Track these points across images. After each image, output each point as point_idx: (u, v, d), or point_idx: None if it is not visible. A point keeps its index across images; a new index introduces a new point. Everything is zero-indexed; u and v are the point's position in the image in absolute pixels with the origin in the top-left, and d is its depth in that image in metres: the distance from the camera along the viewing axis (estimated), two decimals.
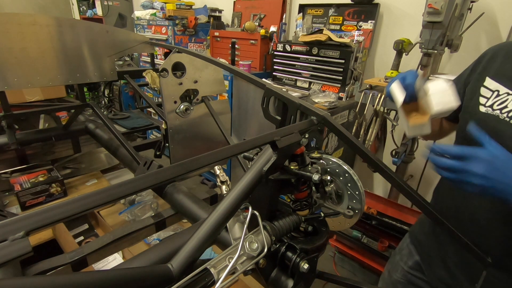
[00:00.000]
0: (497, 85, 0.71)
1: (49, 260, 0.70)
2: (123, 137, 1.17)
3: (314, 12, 2.55)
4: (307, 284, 0.58)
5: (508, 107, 0.67)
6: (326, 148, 2.18)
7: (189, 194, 0.95)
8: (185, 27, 3.13)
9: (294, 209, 0.64)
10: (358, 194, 0.61)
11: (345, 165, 0.62)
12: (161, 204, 1.60)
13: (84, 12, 4.47)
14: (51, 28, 1.09)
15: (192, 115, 1.24)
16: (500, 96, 0.69)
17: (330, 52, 2.20)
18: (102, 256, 0.82)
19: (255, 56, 2.73)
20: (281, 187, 0.60)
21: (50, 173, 1.54)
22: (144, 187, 0.41)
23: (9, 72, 1.05)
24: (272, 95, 0.79)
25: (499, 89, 0.70)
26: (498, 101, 0.69)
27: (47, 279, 0.32)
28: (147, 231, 0.91)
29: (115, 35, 1.29)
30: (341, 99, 2.22)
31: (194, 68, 1.18)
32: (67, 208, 0.35)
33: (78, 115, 1.47)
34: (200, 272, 0.43)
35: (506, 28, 1.76)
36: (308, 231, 0.62)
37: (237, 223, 0.56)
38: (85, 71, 1.24)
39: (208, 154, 0.48)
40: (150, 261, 0.60)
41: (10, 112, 1.24)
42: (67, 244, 1.22)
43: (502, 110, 0.68)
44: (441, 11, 1.47)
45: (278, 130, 0.57)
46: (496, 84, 0.72)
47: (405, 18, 2.16)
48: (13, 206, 1.43)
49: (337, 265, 2.25)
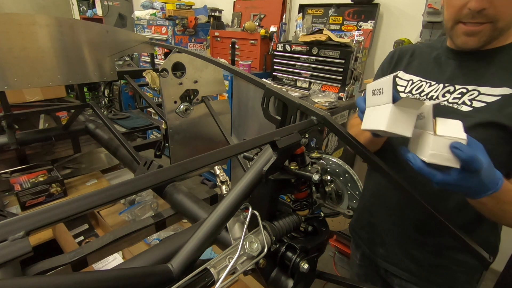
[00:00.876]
0: (410, 76, 0.85)
1: (49, 260, 0.70)
2: (123, 137, 1.17)
3: (314, 12, 2.55)
4: (307, 284, 0.58)
5: (425, 90, 0.80)
6: (326, 148, 2.18)
7: (189, 194, 0.95)
8: (185, 27, 3.13)
9: (294, 209, 0.64)
10: (358, 194, 0.61)
11: (345, 165, 0.62)
12: (161, 204, 1.59)
13: (84, 12, 4.47)
14: (51, 28, 1.09)
15: (192, 115, 1.24)
16: (415, 84, 0.83)
17: (330, 52, 2.20)
18: (102, 256, 0.82)
19: (255, 56, 2.73)
20: (281, 187, 0.60)
21: (50, 173, 1.54)
22: (144, 187, 0.41)
23: (9, 72, 1.05)
24: (272, 95, 0.79)
25: (413, 78, 0.84)
26: (415, 87, 0.83)
27: (47, 279, 0.32)
28: (147, 231, 0.91)
29: (115, 35, 1.29)
30: (341, 99, 2.22)
31: (194, 68, 1.18)
32: (67, 208, 0.35)
33: (78, 115, 1.47)
34: (200, 272, 0.43)
35: None
36: (308, 231, 0.62)
37: (237, 223, 0.56)
38: (85, 71, 1.24)
39: (208, 154, 0.48)
40: (150, 261, 0.60)
41: (10, 112, 1.24)
42: (67, 244, 1.22)
43: (420, 94, 0.80)
44: (441, 11, 1.47)
45: (278, 130, 0.57)
46: (409, 75, 0.86)
47: (405, 18, 2.16)
48: (13, 206, 1.43)
49: (337, 265, 2.25)
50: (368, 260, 1.04)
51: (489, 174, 0.53)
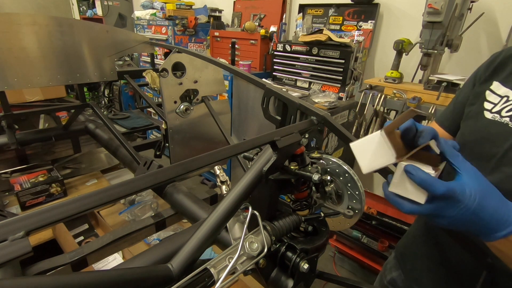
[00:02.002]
0: (507, 90, 0.65)
1: (49, 260, 0.70)
2: (123, 137, 1.17)
3: (314, 12, 2.55)
4: (307, 284, 0.58)
5: None
6: (326, 148, 2.18)
7: (189, 194, 0.95)
8: (185, 27, 3.13)
9: (294, 209, 0.64)
10: (358, 194, 0.61)
11: (345, 165, 0.61)
12: (161, 204, 1.60)
13: (84, 12, 4.47)
14: (51, 28, 1.09)
15: (192, 115, 1.24)
16: (510, 102, 0.63)
17: (330, 52, 2.20)
18: (102, 256, 0.82)
19: (255, 56, 2.73)
20: (281, 187, 0.60)
21: (50, 173, 1.54)
22: (144, 187, 0.41)
23: (9, 72, 1.05)
24: (272, 95, 0.79)
25: (509, 94, 0.64)
26: (507, 107, 0.63)
27: (47, 279, 0.32)
28: (147, 231, 0.91)
29: (115, 35, 1.29)
30: (341, 99, 2.22)
31: (194, 68, 1.18)
32: (67, 208, 0.35)
33: (78, 115, 1.47)
34: (200, 272, 0.43)
35: (506, 28, 1.76)
36: (308, 231, 0.62)
37: (237, 223, 0.56)
38: (85, 71, 1.24)
39: (208, 154, 0.48)
40: (150, 261, 0.60)
41: (10, 112, 1.24)
42: (67, 244, 1.22)
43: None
44: (441, 11, 1.47)
45: (278, 130, 0.57)
46: (506, 89, 0.65)
47: (405, 18, 2.16)
48: (13, 206, 1.43)
49: (337, 265, 2.25)
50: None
51: (491, 208, 0.45)
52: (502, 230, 0.45)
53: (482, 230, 0.46)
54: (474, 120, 0.69)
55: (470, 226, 0.46)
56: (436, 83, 1.64)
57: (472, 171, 0.46)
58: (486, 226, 0.45)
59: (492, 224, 0.45)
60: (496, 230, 0.45)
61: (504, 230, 0.45)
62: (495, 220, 0.45)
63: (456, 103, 0.79)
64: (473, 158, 0.63)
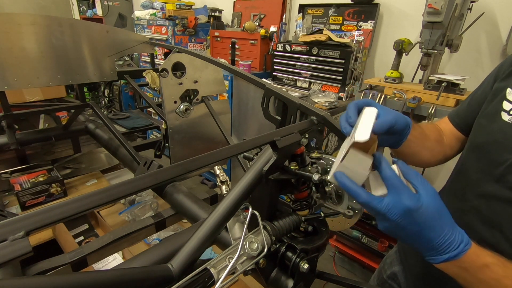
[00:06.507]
0: None
1: (49, 260, 0.70)
2: (123, 137, 1.17)
3: (314, 12, 2.55)
4: (307, 284, 0.58)
5: None
6: (326, 148, 2.18)
7: (189, 194, 0.95)
8: (185, 27, 3.13)
9: (294, 209, 0.64)
10: None
11: None
12: (161, 204, 1.59)
13: (84, 12, 4.47)
14: (51, 28, 1.09)
15: (192, 115, 1.24)
16: None
17: (330, 52, 2.20)
18: (102, 256, 0.82)
19: (255, 56, 2.73)
20: (281, 187, 0.60)
21: (50, 173, 1.54)
22: (144, 187, 0.41)
23: (9, 72, 1.05)
24: (272, 95, 0.79)
25: None
26: None
27: (47, 279, 0.32)
28: (147, 231, 0.91)
29: (115, 35, 1.29)
30: (341, 99, 2.22)
31: (194, 68, 1.18)
32: (67, 208, 0.35)
33: (78, 115, 1.47)
34: (200, 272, 0.43)
35: (506, 28, 1.76)
36: (308, 231, 0.62)
37: (237, 223, 0.56)
38: (85, 71, 1.23)
39: (208, 154, 0.48)
40: (150, 261, 0.60)
41: (10, 112, 1.24)
42: (67, 244, 1.22)
43: None
44: (441, 11, 1.47)
45: (278, 130, 0.57)
46: None
47: (405, 18, 2.16)
48: (13, 206, 1.43)
49: (337, 265, 2.25)
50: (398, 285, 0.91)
51: (434, 226, 0.43)
52: (445, 253, 0.44)
53: (425, 250, 0.46)
54: (489, 120, 0.63)
55: (412, 242, 0.46)
56: (436, 83, 1.64)
57: (425, 189, 0.45)
58: (427, 247, 0.45)
59: (431, 244, 0.44)
60: (440, 253, 0.44)
61: (446, 254, 0.44)
62: (439, 241, 0.44)
63: (472, 99, 0.74)
64: (480, 162, 0.63)
